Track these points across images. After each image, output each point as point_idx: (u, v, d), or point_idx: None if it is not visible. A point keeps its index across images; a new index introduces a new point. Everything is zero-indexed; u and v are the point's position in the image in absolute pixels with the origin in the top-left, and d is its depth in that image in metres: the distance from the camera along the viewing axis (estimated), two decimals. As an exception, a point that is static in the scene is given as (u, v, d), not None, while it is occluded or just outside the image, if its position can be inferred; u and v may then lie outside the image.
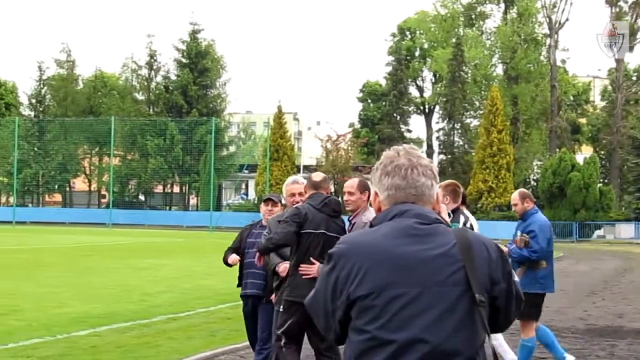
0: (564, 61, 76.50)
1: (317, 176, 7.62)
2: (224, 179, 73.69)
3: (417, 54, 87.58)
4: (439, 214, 2.83)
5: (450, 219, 7.49)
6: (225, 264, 8.70)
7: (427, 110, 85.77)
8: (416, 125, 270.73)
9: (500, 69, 75.15)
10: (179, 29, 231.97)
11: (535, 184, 71.36)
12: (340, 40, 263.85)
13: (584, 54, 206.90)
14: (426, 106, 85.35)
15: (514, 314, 2.83)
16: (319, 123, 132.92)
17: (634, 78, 76.17)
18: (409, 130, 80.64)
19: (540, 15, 71.26)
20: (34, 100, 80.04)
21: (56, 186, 77.26)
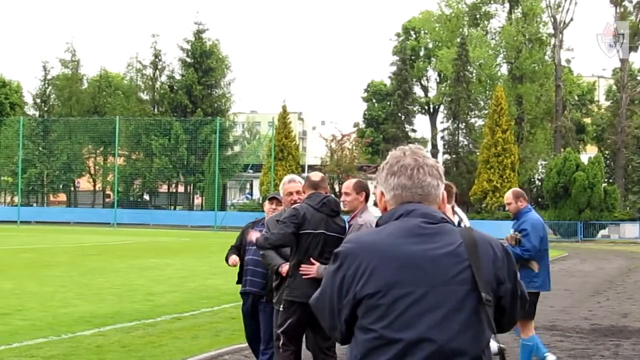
0: (568, 61, 76.43)
1: (316, 176, 7.56)
2: (229, 179, 73.63)
3: (422, 53, 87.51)
4: (445, 213, 2.83)
5: None
6: (227, 263, 8.71)
7: (432, 110, 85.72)
8: (421, 125, 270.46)
9: (504, 69, 75.09)
10: (183, 28, 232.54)
11: (539, 183, 71.35)
12: (344, 40, 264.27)
13: (588, 54, 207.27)
14: (431, 106, 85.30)
15: (519, 314, 2.83)
16: (323, 123, 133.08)
17: (639, 78, 75.96)
18: (414, 130, 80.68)
19: (544, 15, 71.17)
20: (38, 100, 79.90)
21: (61, 186, 77.22)
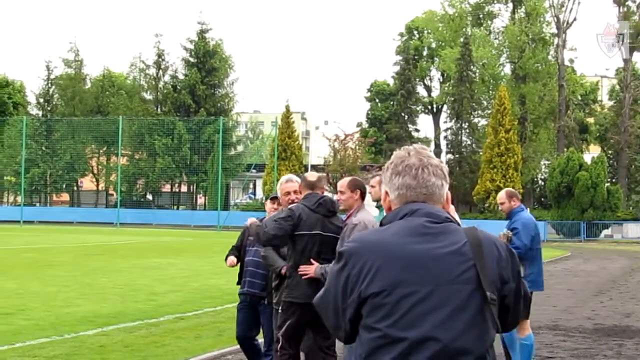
0: (571, 60, 76.46)
1: (312, 176, 7.50)
2: (232, 179, 73.61)
3: (425, 53, 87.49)
4: (449, 213, 2.83)
5: None
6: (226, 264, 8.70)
7: (435, 109, 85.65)
8: (424, 125, 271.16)
9: (508, 69, 75.04)
10: (187, 28, 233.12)
11: (543, 183, 71.25)
12: (348, 39, 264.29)
13: (592, 54, 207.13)
14: (434, 106, 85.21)
15: (522, 313, 2.84)
16: (326, 122, 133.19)
17: (642, 77, 75.89)
18: (417, 130, 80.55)
19: (548, 14, 71.10)
20: (41, 100, 79.95)
21: (64, 185, 77.18)
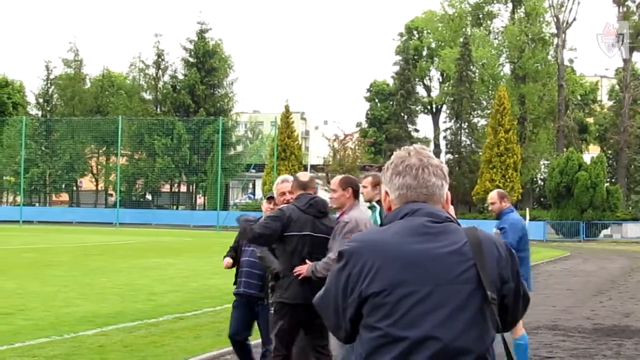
0: (571, 60, 76.50)
1: (304, 176, 7.43)
2: (231, 179, 73.65)
3: (425, 53, 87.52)
4: (449, 213, 2.84)
5: None
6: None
7: (435, 109, 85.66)
8: (423, 125, 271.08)
9: (507, 69, 75.10)
10: (186, 28, 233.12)
11: (542, 183, 71.26)
12: (347, 39, 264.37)
13: (591, 54, 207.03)
14: (433, 105, 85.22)
15: (521, 313, 2.85)
16: (326, 122, 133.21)
17: (642, 77, 75.92)
18: (417, 130, 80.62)
19: (547, 14, 71.14)
20: (41, 100, 80.00)
21: (63, 185, 77.26)
